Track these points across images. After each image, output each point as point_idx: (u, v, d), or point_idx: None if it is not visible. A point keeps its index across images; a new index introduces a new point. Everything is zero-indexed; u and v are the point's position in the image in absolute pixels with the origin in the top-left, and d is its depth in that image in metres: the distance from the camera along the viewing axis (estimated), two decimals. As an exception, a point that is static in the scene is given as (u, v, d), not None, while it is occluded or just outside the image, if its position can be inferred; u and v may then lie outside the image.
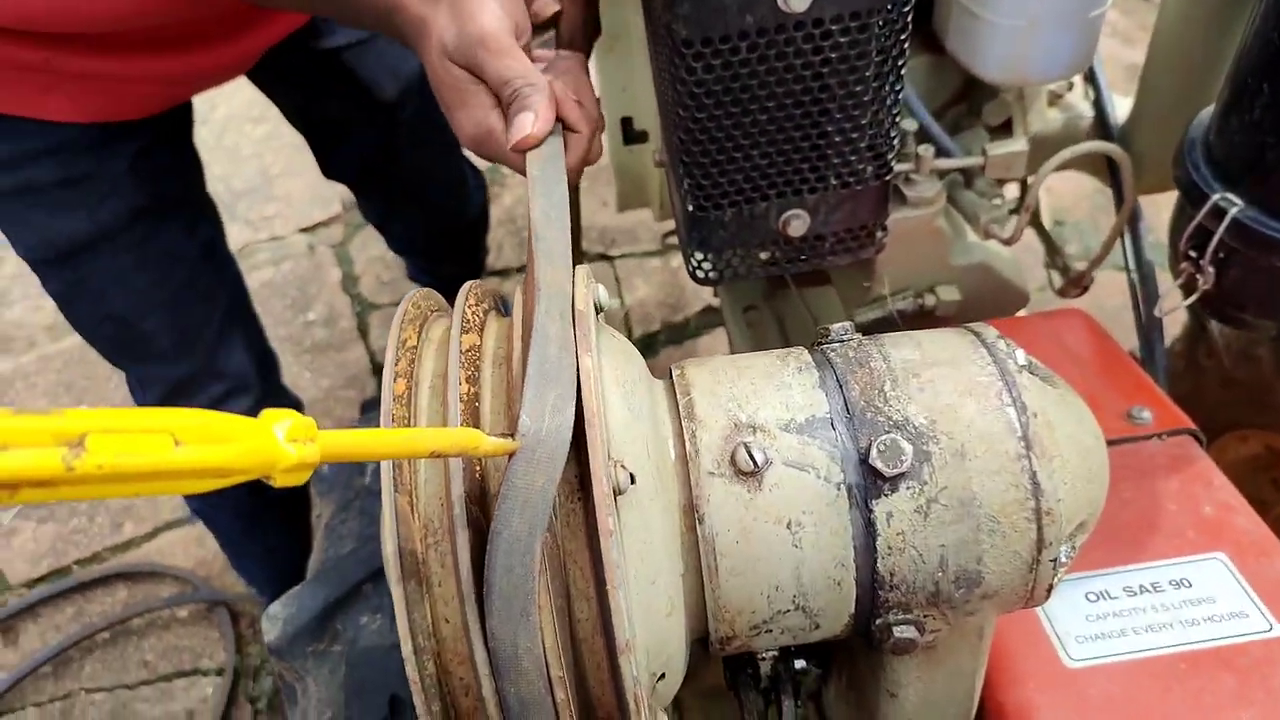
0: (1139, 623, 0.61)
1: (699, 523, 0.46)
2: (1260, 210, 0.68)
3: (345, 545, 0.92)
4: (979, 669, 0.54)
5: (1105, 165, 0.99)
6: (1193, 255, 0.73)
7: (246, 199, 2.38)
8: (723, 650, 0.50)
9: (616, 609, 0.40)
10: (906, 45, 0.65)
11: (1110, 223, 2.02)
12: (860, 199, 0.72)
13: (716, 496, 0.46)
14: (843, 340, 0.52)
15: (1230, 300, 0.73)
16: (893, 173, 0.72)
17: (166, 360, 1.09)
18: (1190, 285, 0.75)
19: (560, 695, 0.41)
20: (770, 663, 0.58)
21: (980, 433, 0.46)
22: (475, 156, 1.56)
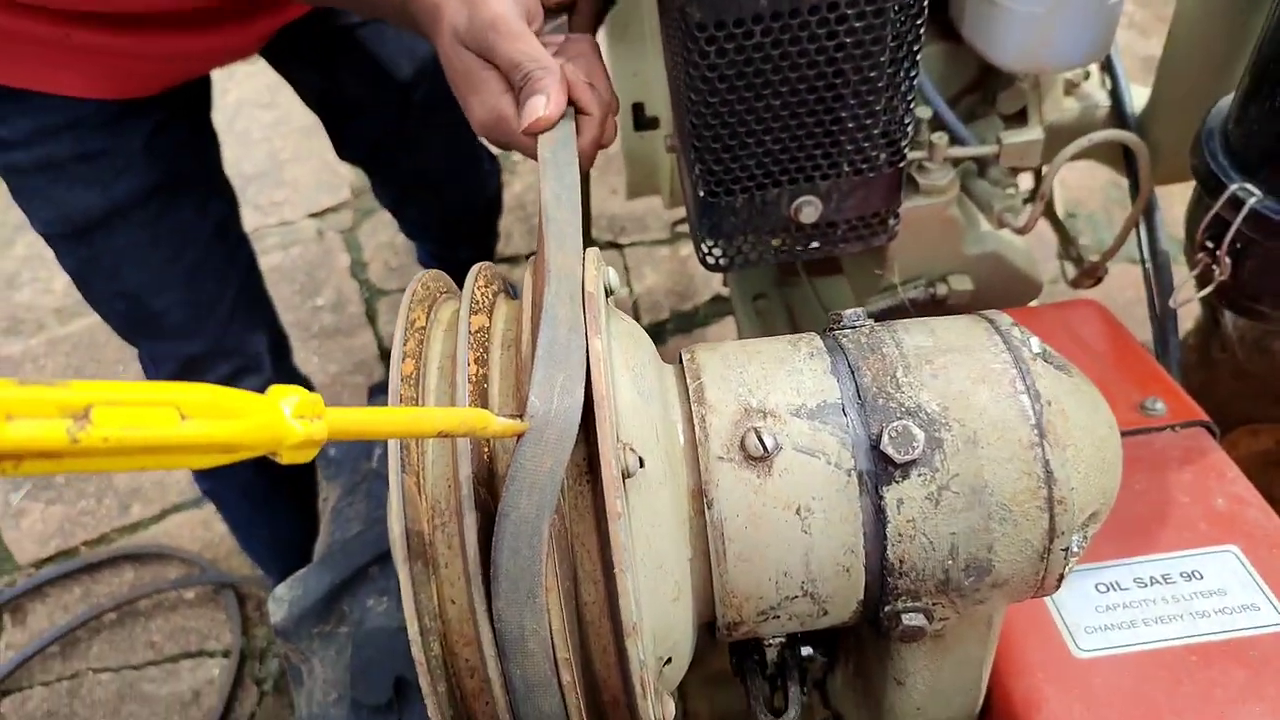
0: (1149, 614, 0.60)
1: (708, 507, 0.46)
2: (1279, 200, 0.68)
3: (352, 528, 0.92)
4: (987, 658, 0.54)
5: (1121, 155, 0.98)
6: (1209, 246, 0.72)
7: (256, 184, 2.38)
8: (729, 636, 0.50)
9: (624, 592, 0.40)
10: (922, 31, 0.64)
11: (1123, 215, 2.00)
12: (873, 186, 0.71)
13: (726, 481, 0.46)
14: (855, 326, 0.52)
15: (1246, 291, 0.73)
16: (906, 160, 0.71)
17: (178, 337, 1.09)
18: (1206, 276, 0.74)
19: (566, 677, 0.41)
20: (776, 649, 0.58)
21: (993, 420, 0.46)
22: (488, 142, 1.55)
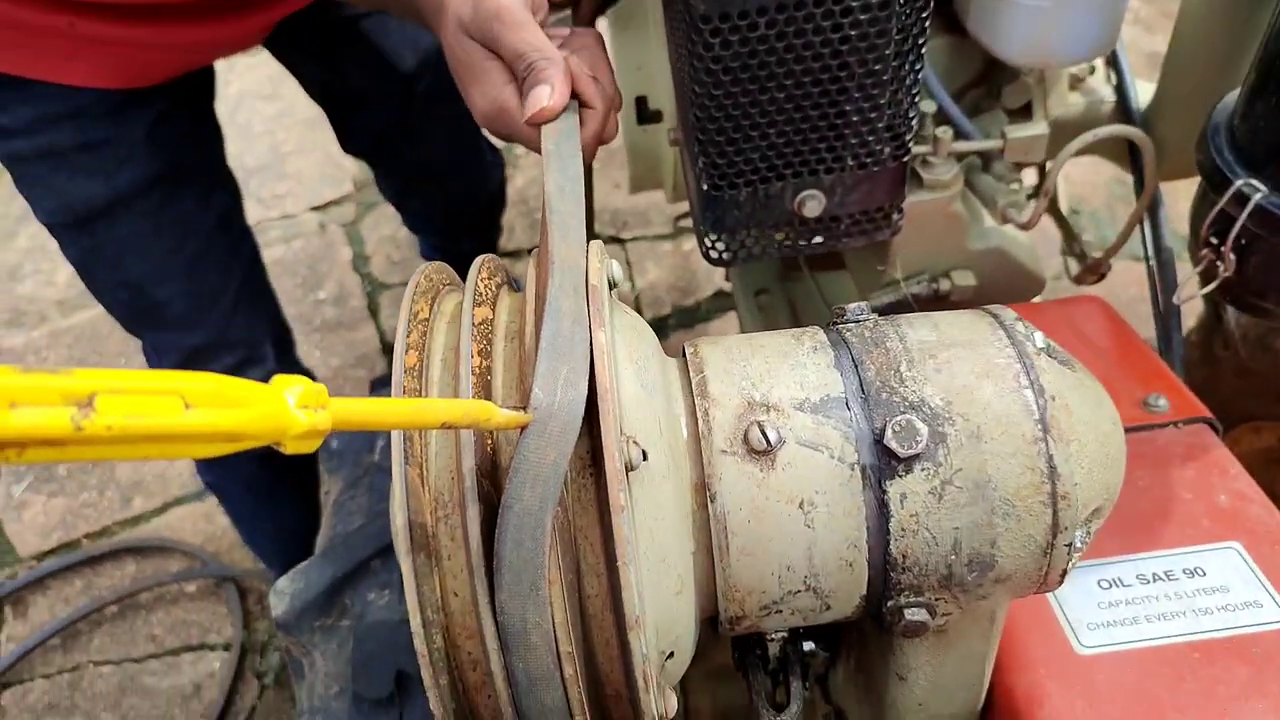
0: (1151, 611, 0.60)
1: (710, 501, 0.46)
2: (1284, 196, 0.68)
3: (354, 521, 0.92)
4: (990, 653, 0.54)
5: (1125, 151, 0.98)
6: (1214, 242, 0.72)
7: (258, 176, 2.38)
8: (732, 630, 0.50)
9: (627, 585, 0.40)
10: (928, 24, 0.64)
11: (1127, 212, 2.00)
12: (877, 180, 0.71)
13: (729, 475, 0.46)
14: (858, 320, 0.51)
15: (1251, 288, 0.72)
16: (910, 154, 0.71)
17: (180, 328, 1.09)
18: (1210, 272, 0.74)
19: (569, 671, 0.41)
20: (779, 644, 0.58)
21: (997, 415, 0.46)
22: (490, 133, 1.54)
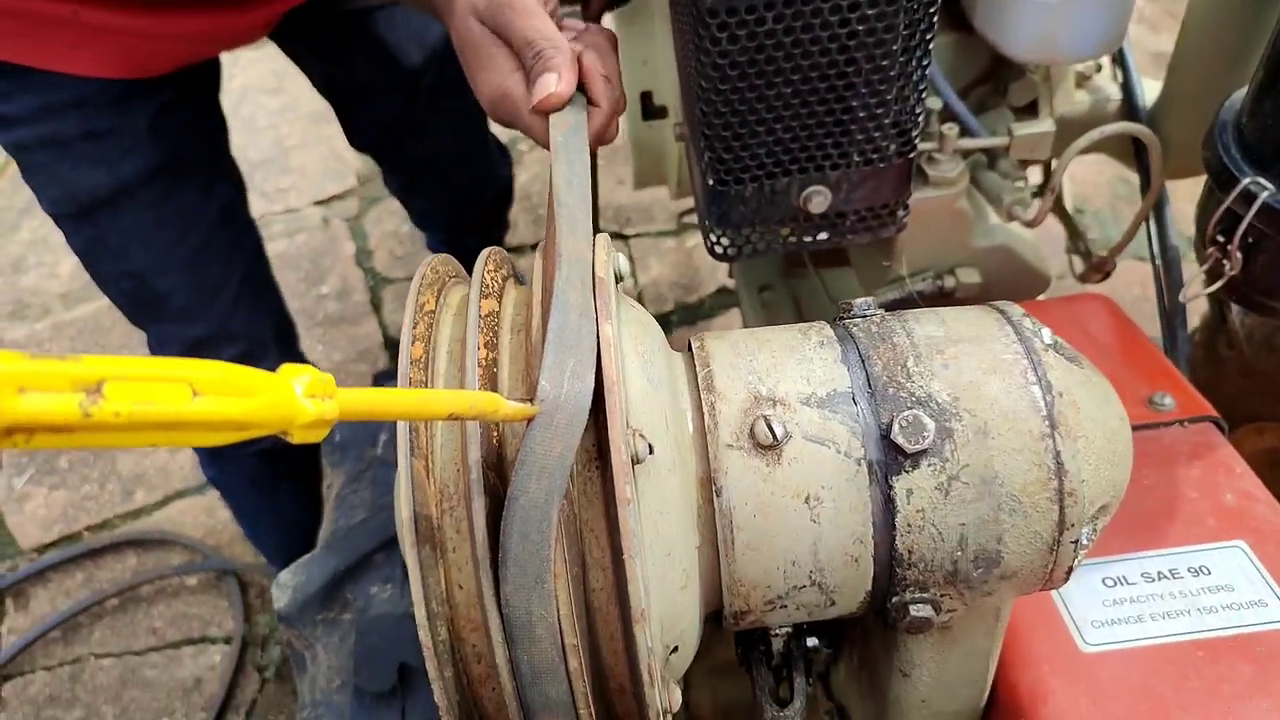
0: (1156, 609, 0.60)
1: (716, 495, 0.46)
2: (1291, 195, 0.67)
3: (356, 515, 0.92)
4: (994, 650, 0.53)
5: (1130, 149, 0.98)
6: (1220, 240, 0.72)
7: (262, 170, 2.38)
8: (736, 625, 0.50)
9: (633, 578, 0.40)
10: (935, 19, 0.64)
11: (1130, 211, 1.99)
12: (883, 177, 0.71)
13: (735, 469, 0.46)
14: (865, 315, 0.51)
15: (1258, 287, 0.72)
16: (916, 151, 0.71)
17: (183, 320, 1.09)
18: (1216, 271, 0.73)
19: (574, 664, 0.41)
20: (782, 639, 0.58)
21: (1004, 411, 0.45)
22: (497, 128, 1.54)
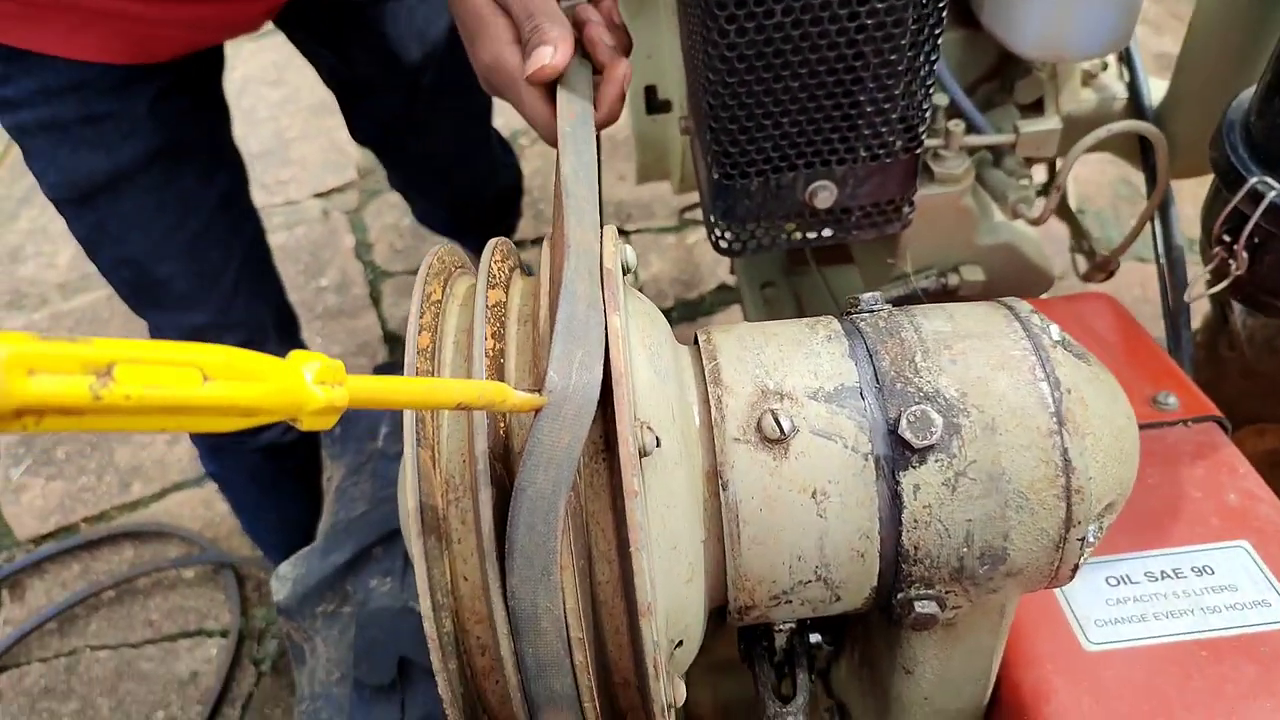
0: (1159, 608, 0.60)
1: (722, 489, 0.45)
2: (1299, 195, 0.67)
3: (356, 508, 0.92)
4: (998, 648, 0.53)
5: (1135, 149, 0.98)
6: (1226, 240, 0.71)
7: (262, 162, 2.37)
8: (741, 620, 0.49)
9: (639, 571, 0.39)
10: (944, 14, 0.64)
11: (1132, 212, 1.99)
12: (889, 172, 0.71)
13: (741, 463, 0.45)
14: (873, 310, 0.51)
15: (1264, 286, 0.72)
16: (923, 147, 0.71)
17: (182, 307, 1.09)
18: (1222, 271, 0.73)
19: (579, 657, 0.41)
20: (786, 635, 0.58)
21: (1012, 407, 0.45)
22: (499, 128, 1.53)
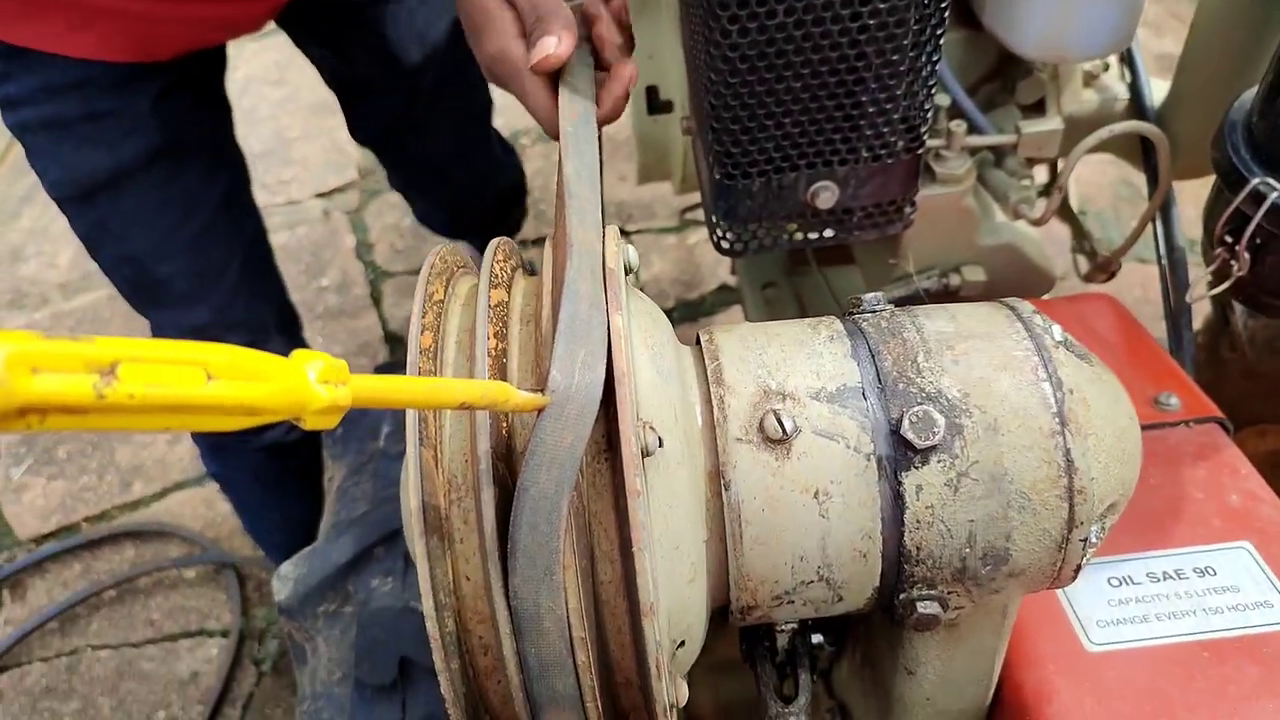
0: (1162, 609, 0.60)
1: (725, 489, 0.45)
2: (1301, 196, 0.67)
3: (358, 508, 0.92)
4: (1000, 648, 0.53)
5: (1136, 150, 0.98)
6: (1228, 241, 0.71)
7: (263, 162, 2.37)
8: (743, 620, 0.49)
9: (642, 571, 0.39)
10: (946, 15, 0.64)
11: (1132, 213, 1.99)
12: (891, 173, 0.71)
13: (744, 463, 0.45)
14: (875, 310, 0.51)
15: (1266, 287, 0.72)
16: (925, 147, 0.71)
17: (183, 306, 1.09)
18: (1224, 272, 0.73)
19: (581, 657, 0.41)
20: (787, 636, 0.58)
21: (1014, 407, 0.45)
22: (501, 128, 1.53)
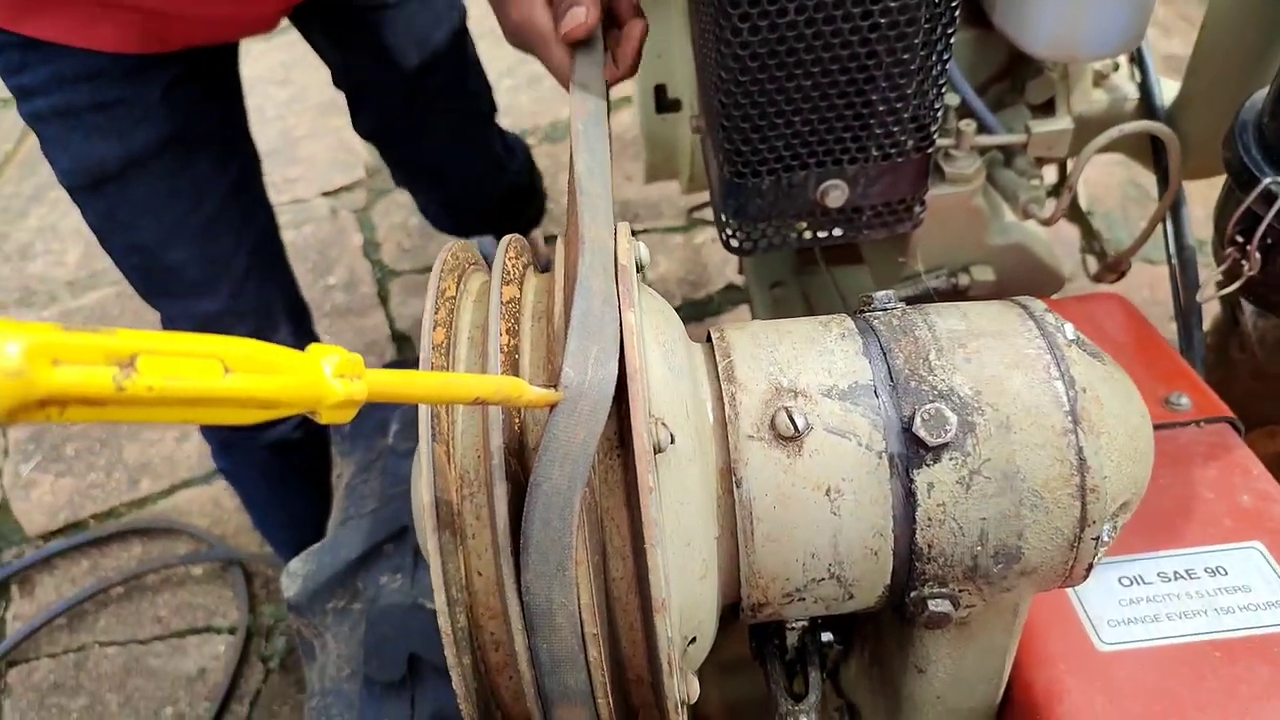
0: (1173, 609, 0.60)
1: (736, 486, 0.45)
2: (1313, 195, 0.67)
3: (366, 505, 0.92)
4: (1011, 647, 0.53)
5: (1145, 150, 0.97)
6: (1239, 240, 0.71)
7: (269, 161, 2.36)
8: (754, 617, 0.49)
9: (654, 567, 0.39)
10: (957, 14, 0.64)
11: (1141, 214, 1.98)
12: (900, 172, 0.71)
13: (755, 460, 0.45)
14: (886, 308, 0.51)
15: (1277, 287, 0.72)
16: (934, 146, 0.71)
17: (192, 295, 1.09)
18: (1234, 272, 0.73)
19: (594, 653, 0.41)
20: (797, 634, 0.57)
21: (1026, 405, 0.45)
22: (505, 128, 1.54)
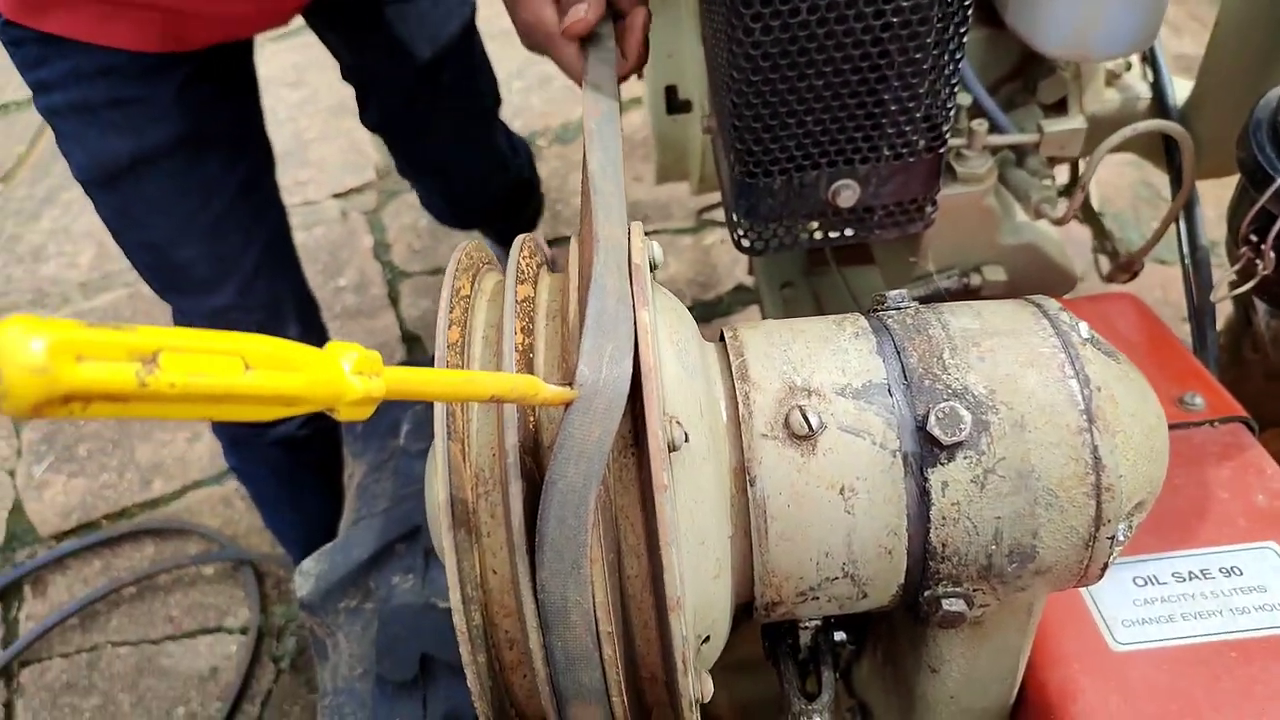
0: (1187, 609, 0.60)
1: (750, 485, 0.45)
2: (1327, 194, 0.67)
3: (378, 505, 0.92)
4: (1025, 647, 0.53)
5: (1158, 149, 0.97)
6: (1253, 239, 0.71)
7: (281, 163, 2.36)
8: (768, 616, 0.49)
9: (669, 565, 0.39)
10: (969, 13, 0.64)
11: (1152, 214, 1.97)
12: (912, 171, 0.71)
13: (769, 459, 0.45)
14: (900, 307, 0.51)
15: (1292, 286, 0.72)
16: (946, 146, 0.71)
17: (203, 290, 1.10)
18: (1248, 271, 0.73)
19: (608, 651, 0.41)
20: (810, 633, 0.57)
21: (1041, 404, 0.45)
22: (508, 127, 1.54)
